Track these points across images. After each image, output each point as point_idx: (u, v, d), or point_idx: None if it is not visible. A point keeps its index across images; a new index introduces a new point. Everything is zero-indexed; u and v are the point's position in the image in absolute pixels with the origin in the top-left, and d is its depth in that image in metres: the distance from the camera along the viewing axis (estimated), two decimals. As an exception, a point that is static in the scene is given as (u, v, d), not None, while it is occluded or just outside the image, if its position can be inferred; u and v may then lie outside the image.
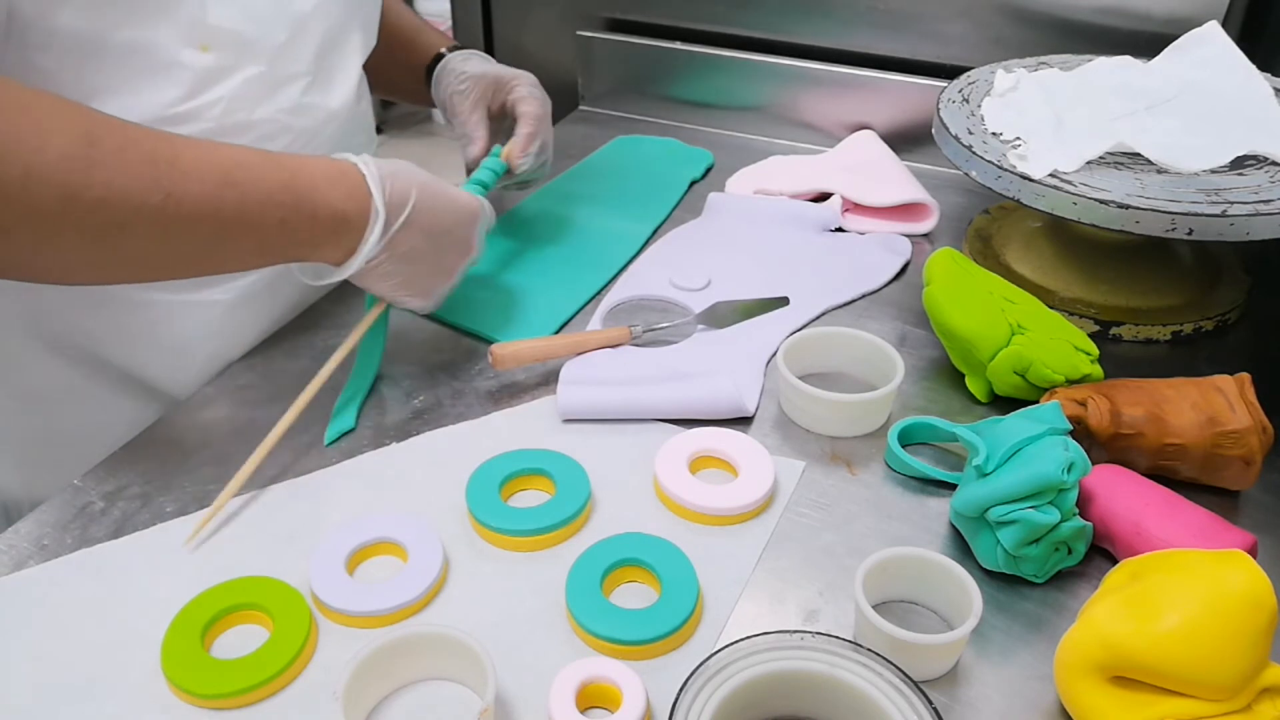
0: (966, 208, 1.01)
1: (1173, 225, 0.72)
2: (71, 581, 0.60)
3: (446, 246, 0.71)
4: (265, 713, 0.53)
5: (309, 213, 0.63)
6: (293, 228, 0.63)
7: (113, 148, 0.56)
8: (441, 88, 0.91)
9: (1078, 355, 0.71)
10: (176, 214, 0.58)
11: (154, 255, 0.60)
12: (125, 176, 0.56)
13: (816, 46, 1.14)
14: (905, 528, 0.65)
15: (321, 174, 0.64)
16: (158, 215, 0.57)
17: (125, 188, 0.56)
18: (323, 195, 0.64)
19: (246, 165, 0.61)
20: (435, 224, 0.69)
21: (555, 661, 0.53)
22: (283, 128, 0.73)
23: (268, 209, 0.62)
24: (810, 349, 0.76)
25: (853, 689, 0.49)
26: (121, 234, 0.57)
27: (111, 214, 0.56)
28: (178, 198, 0.58)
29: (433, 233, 0.69)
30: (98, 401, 0.77)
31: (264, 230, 0.62)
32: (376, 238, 0.66)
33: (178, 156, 0.58)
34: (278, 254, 0.65)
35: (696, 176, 1.09)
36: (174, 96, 0.67)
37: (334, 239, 0.65)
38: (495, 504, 0.64)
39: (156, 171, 0.57)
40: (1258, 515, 0.66)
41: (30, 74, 0.63)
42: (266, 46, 0.70)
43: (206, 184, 0.59)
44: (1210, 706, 0.49)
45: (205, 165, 0.59)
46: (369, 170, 0.66)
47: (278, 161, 0.63)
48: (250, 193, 0.61)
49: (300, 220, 0.63)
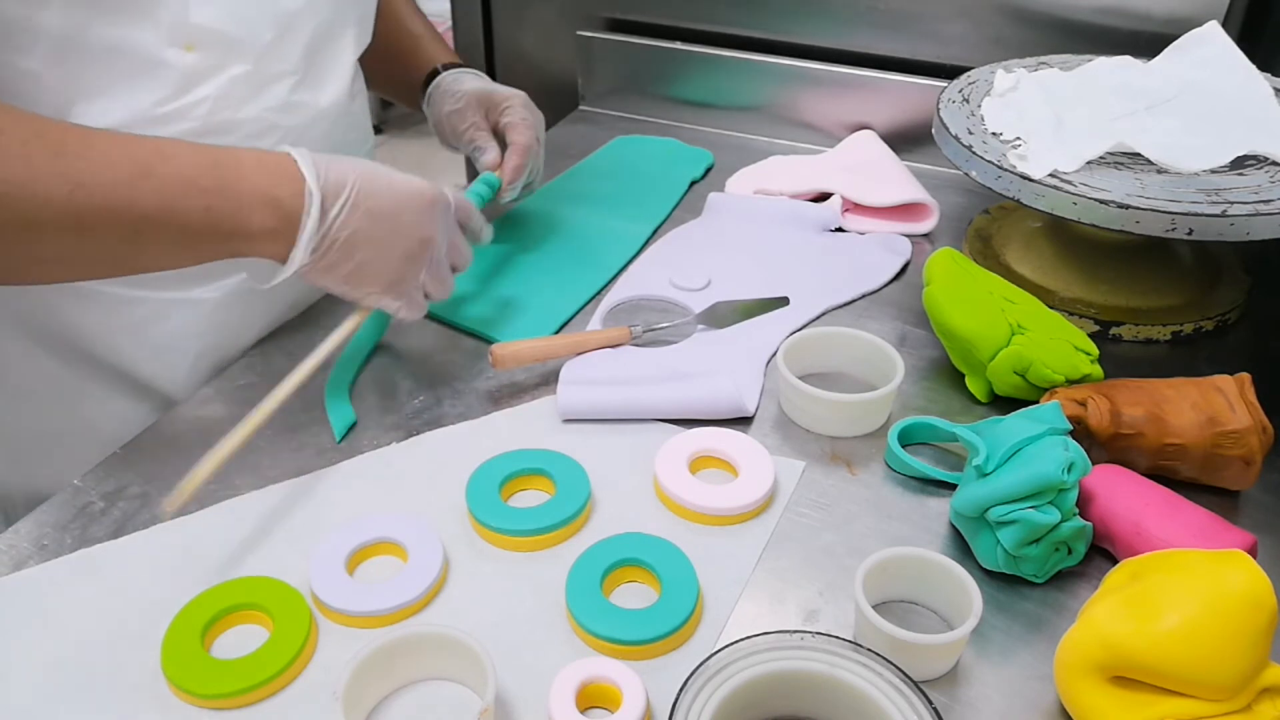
0: (966, 208, 1.01)
1: (1173, 225, 0.72)
2: (71, 581, 0.60)
3: (396, 231, 0.67)
4: (265, 713, 0.53)
5: (234, 199, 0.60)
6: (218, 216, 0.60)
7: (15, 139, 0.54)
8: (435, 108, 0.90)
9: (1078, 355, 0.71)
10: (87, 206, 0.56)
11: (70, 252, 0.58)
12: (28, 169, 0.54)
13: (816, 46, 1.14)
14: (905, 528, 0.65)
15: (251, 161, 0.62)
16: (66, 208, 0.55)
17: (29, 180, 0.54)
18: (250, 181, 0.61)
19: (167, 155, 0.59)
20: (378, 206, 0.66)
21: (555, 661, 0.53)
22: (270, 126, 0.73)
23: (190, 197, 0.59)
24: (810, 349, 0.76)
25: (853, 689, 0.49)
26: (30, 231, 0.55)
27: (15, 209, 0.54)
28: (88, 189, 0.55)
29: (377, 215, 0.66)
30: (90, 399, 0.77)
31: (187, 220, 0.59)
32: (314, 222, 0.62)
33: (89, 147, 0.56)
34: (207, 246, 0.62)
35: (696, 176, 1.09)
36: (159, 97, 0.67)
37: (268, 228, 0.62)
38: (495, 504, 0.64)
39: (63, 163, 0.55)
40: (1258, 515, 0.66)
41: (13, 77, 0.63)
42: (252, 45, 0.70)
43: (119, 173, 0.57)
44: (1210, 706, 0.49)
45: (119, 155, 0.57)
46: (301, 155, 0.63)
47: (202, 150, 0.61)
48: (170, 181, 0.58)
49: (226, 207, 0.60)
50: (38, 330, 0.74)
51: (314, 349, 0.69)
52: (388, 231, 0.67)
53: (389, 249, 0.67)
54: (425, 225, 0.69)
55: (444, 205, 0.70)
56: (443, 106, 0.89)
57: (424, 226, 0.69)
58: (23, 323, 0.74)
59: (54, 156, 0.55)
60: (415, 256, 0.69)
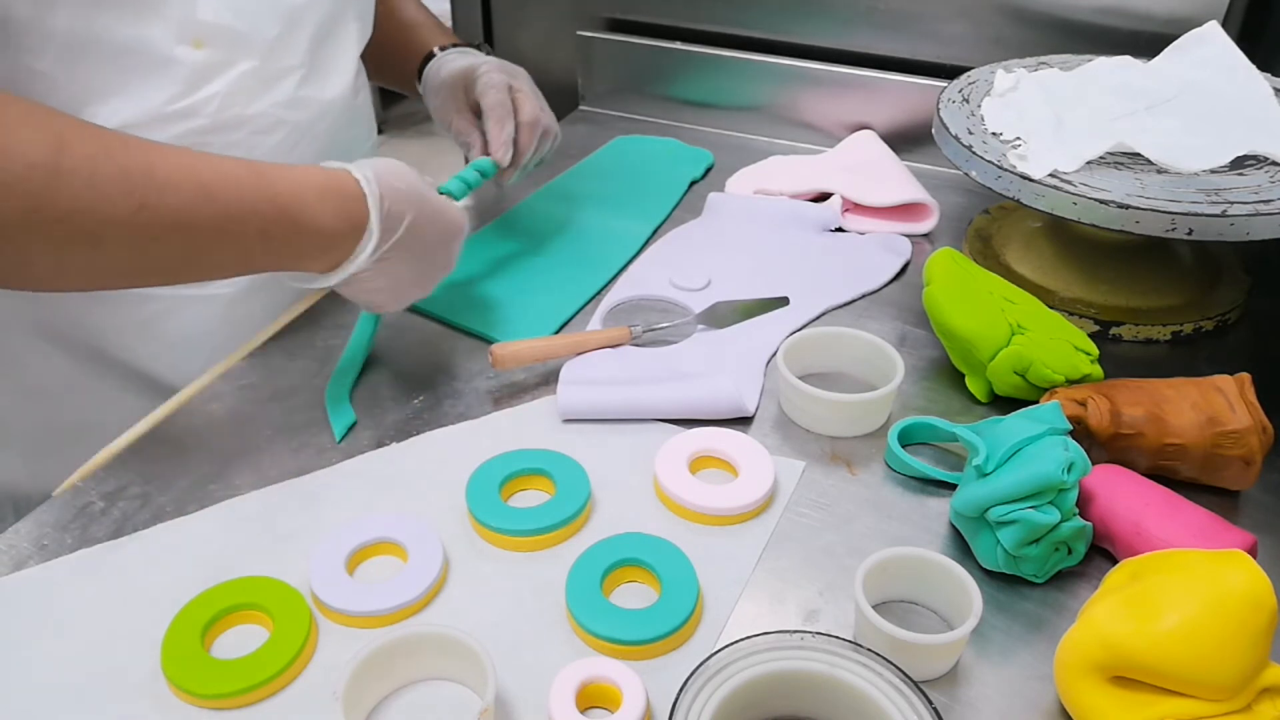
0: (966, 208, 1.01)
1: (1173, 225, 0.72)
2: (71, 581, 0.60)
3: (431, 263, 0.70)
4: (265, 713, 0.53)
5: (292, 229, 0.61)
6: (275, 242, 0.61)
7: (83, 156, 0.53)
8: (428, 98, 0.90)
9: (1078, 355, 0.71)
10: (150, 225, 0.56)
11: (127, 266, 0.58)
12: (95, 188, 0.53)
13: (816, 46, 1.14)
14: (905, 528, 0.65)
15: (313, 188, 0.62)
16: (130, 227, 0.55)
17: (95, 199, 0.53)
18: (311, 212, 0.61)
19: (227, 177, 0.59)
20: (424, 244, 0.67)
21: (555, 661, 0.53)
22: (277, 121, 0.73)
23: (249, 222, 0.59)
24: (810, 349, 0.76)
25: (853, 689, 0.49)
26: (92, 245, 0.55)
27: (80, 225, 0.53)
28: (152, 209, 0.55)
29: (421, 253, 0.68)
30: (104, 396, 0.77)
31: (244, 243, 0.60)
32: (368, 256, 0.64)
33: (153, 167, 0.56)
34: (260, 265, 0.62)
35: (696, 176, 1.09)
36: (169, 95, 0.67)
37: (320, 255, 0.63)
38: (495, 504, 0.64)
39: (130, 183, 0.54)
40: (1258, 515, 0.66)
41: (25, 79, 0.63)
42: (259, 41, 0.70)
43: (183, 195, 0.56)
44: (1210, 706, 0.49)
45: (182, 177, 0.57)
46: (369, 188, 0.63)
47: (261, 173, 0.61)
48: (231, 206, 0.58)
49: (283, 234, 0.61)
50: (51, 328, 0.74)
51: (313, 349, 0.69)
52: (426, 264, 0.69)
53: (420, 278, 0.70)
54: (453, 255, 0.71)
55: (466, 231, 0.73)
56: (432, 100, 0.88)
57: (452, 259, 0.71)
58: (36, 321, 0.74)
59: (120, 175, 0.54)
60: (435, 282, 0.72)
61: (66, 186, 0.52)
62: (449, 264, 0.72)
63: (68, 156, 0.52)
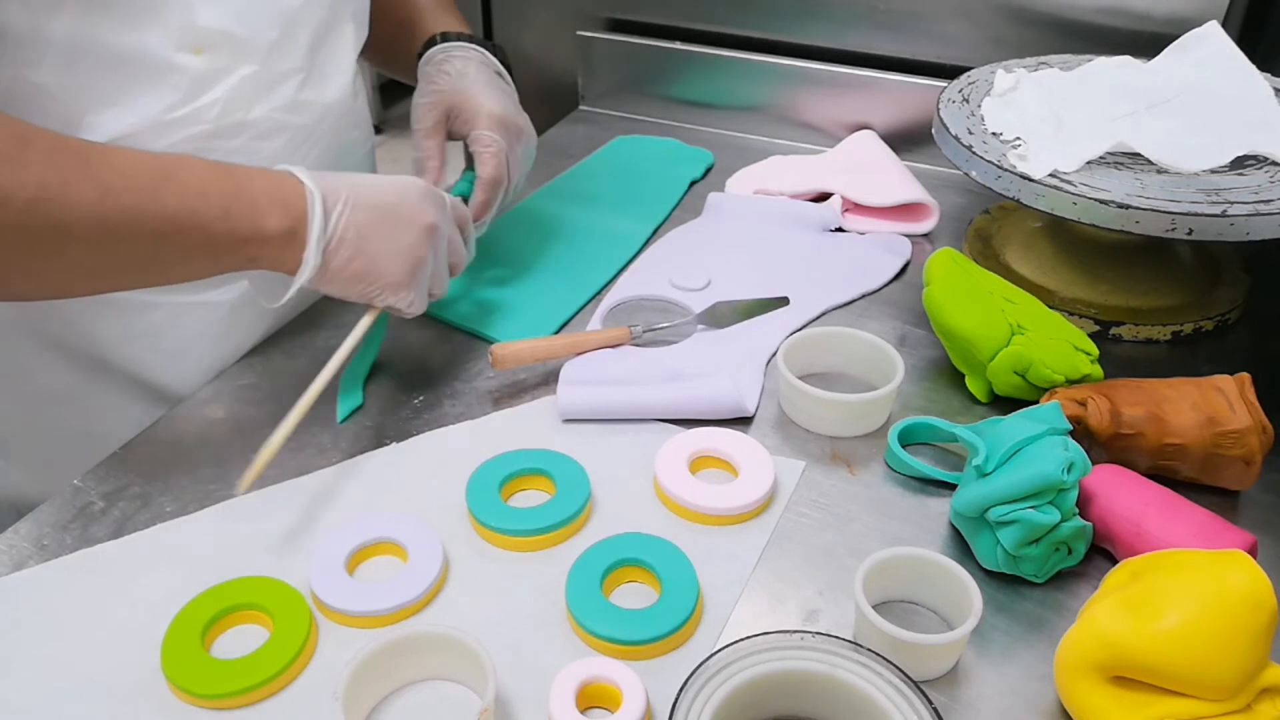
0: (966, 208, 1.01)
1: (1173, 225, 0.72)
2: (71, 581, 0.60)
3: (400, 220, 0.67)
4: (265, 713, 0.53)
5: (249, 202, 0.61)
6: (236, 219, 0.61)
7: (45, 149, 0.55)
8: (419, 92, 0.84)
9: (1078, 355, 0.71)
10: (115, 210, 0.57)
11: (97, 260, 0.59)
12: (59, 174, 0.55)
13: (816, 46, 1.14)
14: (905, 528, 0.65)
15: (256, 170, 0.63)
16: (96, 213, 0.56)
17: (60, 185, 0.55)
18: (259, 185, 0.62)
19: (180, 161, 0.61)
20: (378, 199, 0.66)
21: (555, 661, 0.53)
22: (279, 125, 0.73)
23: (210, 198, 0.60)
24: (810, 349, 0.76)
25: (853, 689, 0.49)
26: (60, 237, 0.56)
27: (48, 213, 0.54)
28: (116, 193, 0.56)
29: (379, 208, 0.66)
30: (104, 403, 0.77)
31: (208, 223, 0.60)
32: (320, 218, 0.63)
33: (107, 154, 0.58)
34: (226, 250, 0.62)
35: (696, 176, 1.09)
36: (169, 102, 0.67)
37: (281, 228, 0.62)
38: (495, 504, 0.64)
39: (90, 169, 0.56)
40: (1258, 515, 0.66)
41: (24, 92, 0.63)
42: (258, 45, 0.70)
43: (143, 178, 0.58)
44: (1210, 706, 0.49)
45: (138, 162, 0.59)
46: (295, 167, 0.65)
47: (212, 162, 0.62)
48: (190, 185, 0.60)
49: (242, 209, 0.61)
50: (53, 336, 0.74)
51: (313, 349, 0.69)
52: (392, 221, 0.67)
53: (397, 239, 0.67)
54: (427, 212, 0.69)
55: (439, 194, 0.71)
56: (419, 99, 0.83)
57: (426, 213, 0.69)
58: (38, 329, 0.74)
59: (82, 164, 0.56)
60: (423, 243, 0.68)
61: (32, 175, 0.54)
62: (426, 222, 0.68)
63: (31, 149, 0.54)
